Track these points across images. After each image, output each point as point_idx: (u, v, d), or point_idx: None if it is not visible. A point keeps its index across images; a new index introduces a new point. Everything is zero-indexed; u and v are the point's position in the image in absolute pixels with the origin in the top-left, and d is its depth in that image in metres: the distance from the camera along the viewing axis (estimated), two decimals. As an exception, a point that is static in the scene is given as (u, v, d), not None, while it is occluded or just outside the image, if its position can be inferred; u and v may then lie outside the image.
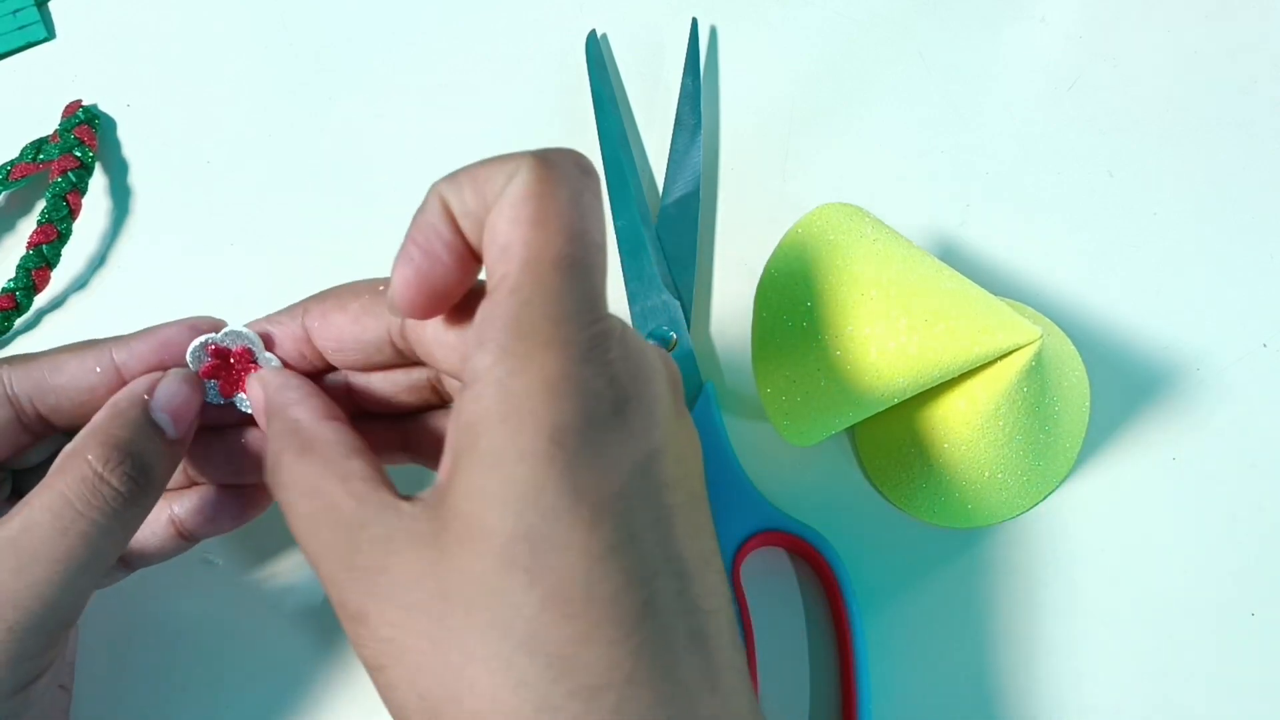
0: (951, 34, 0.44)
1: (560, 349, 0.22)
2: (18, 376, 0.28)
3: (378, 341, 0.27)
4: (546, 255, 0.22)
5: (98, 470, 0.26)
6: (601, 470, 0.22)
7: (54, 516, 0.25)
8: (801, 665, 0.34)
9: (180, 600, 0.35)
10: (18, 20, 0.44)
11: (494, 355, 0.22)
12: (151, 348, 0.29)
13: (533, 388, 0.22)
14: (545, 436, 0.21)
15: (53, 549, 0.25)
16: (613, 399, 0.22)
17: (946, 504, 0.35)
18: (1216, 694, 0.34)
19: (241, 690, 0.34)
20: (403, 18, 0.44)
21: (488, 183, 0.23)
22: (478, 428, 0.22)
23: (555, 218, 0.23)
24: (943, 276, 0.33)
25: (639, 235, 0.39)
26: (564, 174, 0.23)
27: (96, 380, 0.28)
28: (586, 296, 0.23)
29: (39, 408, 0.28)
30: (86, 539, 0.26)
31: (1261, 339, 0.39)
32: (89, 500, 0.26)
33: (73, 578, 0.26)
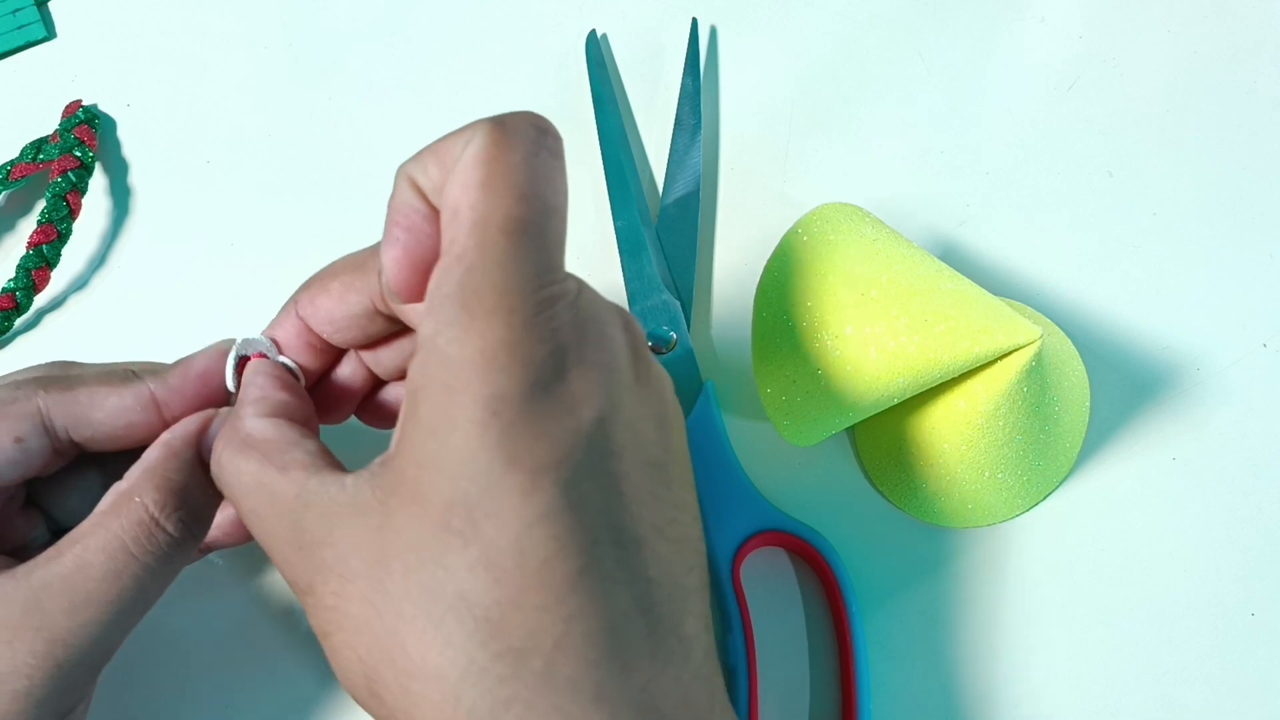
0: (951, 34, 0.44)
1: (502, 316, 0.22)
2: (55, 407, 0.28)
3: (366, 313, 0.27)
4: (494, 219, 0.22)
5: (154, 515, 0.26)
6: (539, 438, 0.22)
7: (108, 559, 0.26)
8: (801, 665, 0.34)
9: (180, 600, 0.35)
10: (17, 20, 0.44)
11: (436, 323, 0.22)
12: (189, 381, 0.29)
13: (471, 356, 0.22)
14: (481, 405, 0.21)
15: (105, 591, 0.25)
16: (554, 366, 0.22)
17: (946, 504, 0.35)
18: (1216, 694, 0.34)
19: (241, 689, 0.34)
20: (403, 18, 0.44)
21: (448, 154, 0.23)
22: (418, 395, 0.22)
23: (503, 180, 0.22)
24: (943, 276, 0.33)
25: (639, 235, 0.39)
26: (518, 137, 0.23)
27: (136, 418, 0.28)
28: (535, 260, 0.22)
29: (74, 436, 0.28)
30: (139, 582, 0.26)
31: (1261, 339, 0.39)
32: (144, 545, 0.26)
33: (122, 619, 0.26)
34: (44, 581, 0.25)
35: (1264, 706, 0.34)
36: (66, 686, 0.26)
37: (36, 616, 0.25)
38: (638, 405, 0.24)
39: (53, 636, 0.25)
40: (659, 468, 0.24)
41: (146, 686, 0.34)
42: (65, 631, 0.25)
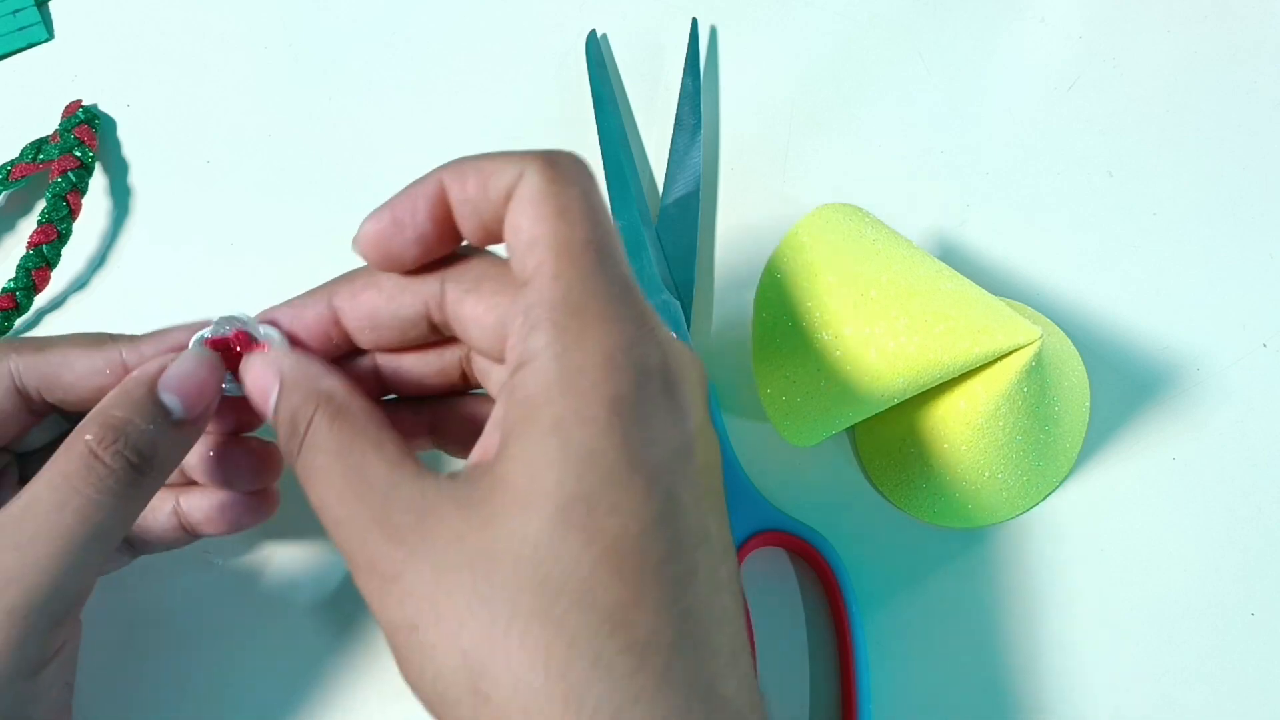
0: (951, 34, 0.44)
1: (612, 324, 0.23)
2: (26, 369, 0.28)
3: (414, 317, 0.27)
4: (576, 242, 0.24)
5: (93, 448, 0.26)
6: (653, 441, 0.23)
7: (51, 492, 0.26)
8: (801, 665, 0.34)
9: (180, 599, 0.35)
10: (18, 21, 0.44)
11: (549, 333, 0.23)
12: (158, 350, 0.29)
13: (592, 360, 0.23)
14: (605, 405, 0.22)
15: (51, 525, 0.25)
16: (664, 375, 0.23)
17: (946, 504, 0.35)
18: (1216, 694, 0.34)
19: (242, 689, 0.34)
20: (402, 18, 0.44)
21: (493, 176, 0.25)
22: (538, 399, 0.23)
23: (575, 209, 0.24)
24: (942, 277, 0.33)
25: (639, 235, 0.39)
26: (572, 172, 0.25)
27: (106, 380, 0.28)
28: (622, 275, 0.24)
29: (46, 398, 0.29)
30: (83, 516, 0.26)
31: (1261, 339, 0.39)
32: (84, 477, 0.26)
33: (74, 555, 0.26)
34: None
35: (1264, 706, 0.34)
36: (27, 634, 0.25)
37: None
38: (709, 432, 0.25)
39: (5, 576, 0.25)
40: (722, 493, 0.25)
41: (146, 685, 0.34)
42: (16, 570, 0.25)
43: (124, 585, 0.34)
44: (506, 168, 0.25)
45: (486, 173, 0.25)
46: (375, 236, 0.26)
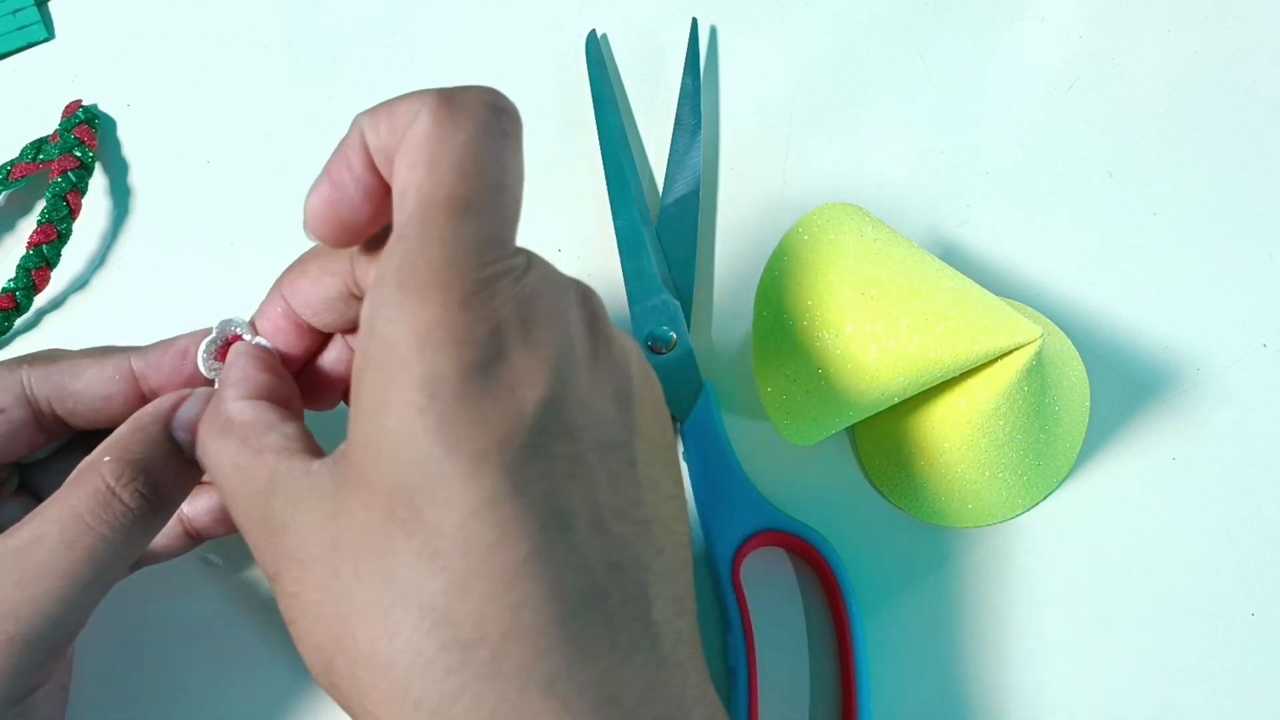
0: (951, 34, 0.44)
1: (437, 294, 0.21)
2: (37, 378, 0.28)
3: (341, 296, 0.27)
4: (436, 198, 0.22)
5: (110, 485, 0.26)
6: (479, 421, 0.21)
7: (62, 529, 0.25)
8: (801, 665, 0.34)
9: (179, 599, 0.35)
10: (18, 20, 0.44)
11: (373, 303, 0.22)
12: (169, 358, 0.29)
13: (406, 337, 0.21)
14: (417, 387, 0.21)
15: (58, 562, 0.25)
16: (494, 346, 0.21)
17: (946, 504, 0.35)
18: (1216, 694, 0.34)
19: (241, 689, 0.34)
20: (402, 17, 0.44)
21: (400, 116, 0.23)
22: (359, 378, 0.22)
23: (447, 158, 0.22)
24: (943, 276, 0.33)
25: (639, 235, 0.39)
26: (466, 114, 0.23)
27: (114, 388, 0.28)
28: (475, 238, 0.22)
29: (56, 410, 0.29)
30: (93, 554, 0.25)
31: (1261, 339, 0.39)
32: (99, 515, 0.25)
33: (77, 593, 0.25)
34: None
35: (1264, 706, 0.34)
36: (21, 665, 0.25)
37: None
38: (593, 383, 0.23)
39: (4, 610, 0.25)
40: (619, 447, 0.23)
41: (146, 686, 0.34)
42: (14, 604, 0.25)
43: (122, 587, 0.34)
44: (409, 106, 0.23)
45: (395, 113, 0.23)
46: (321, 209, 0.25)
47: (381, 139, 0.23)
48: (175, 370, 0.29)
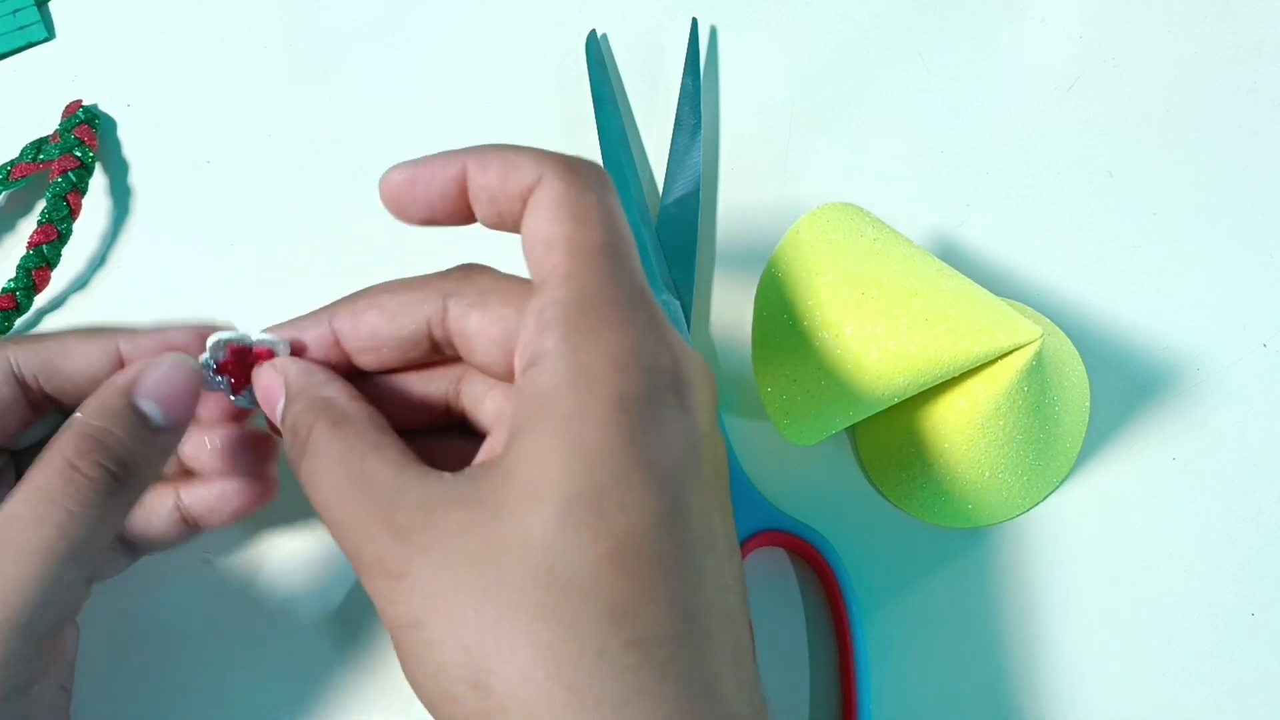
0: (951, 34, 0.44)
1: (624, 326, 0.23)
2: (24, 356, 0.28)
3: (415, 336, 0.28)
4: (592, 245, 0.24)
5: (69, 459, 0.26)
6: (661, 441, 0.23)
7: (31, 507, 0.25)
8: (801, 665, 0.34)
9: (178, 599, 0.35)
10: (18, 20, 0.44)
11: (561, 333, 0.23)
12: (156, 345, 0.29)
13: (602, 359, 0.23)
14: (615, 404, 0.23)
15: (29, 540, 0.25)
16: (673, 376, 0.24)
17: (946, 504, 0.35)
18: (1216, 694, 0.34)
19: (241, 689, 0.34)
20: (403, 18, 0.44)
21: (514, 170, 0.25)
22: (547, 396, 0.23)
23: (592, 214, 0.25)
24: (943, 276, 0.33)
25: (639, 235, 0.39)
26: (590, 178, 0.25)
27: (101, 368, 0.28)
28: (636, 280, 0.24)
29: (45, 387, 0.29)
30: (63, 530, 0.25)
31: (1261, 339, 0.39)
32: (64, 490, 0.25)
33: (54, 571, 0.25)
34: None
35: (1264, 706, 0.34)
36: (10, 654, 0.25)
37: None
38: (717, 436, 0.25)
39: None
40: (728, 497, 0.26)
41: (146, 686, 0.34)
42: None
43: (121, 586, 0.34)
44: (528, 165, 0.25)
45: (509, 165, 0.25)
46: (394, 188, 0.27)
47: (490, 181, 0.26)
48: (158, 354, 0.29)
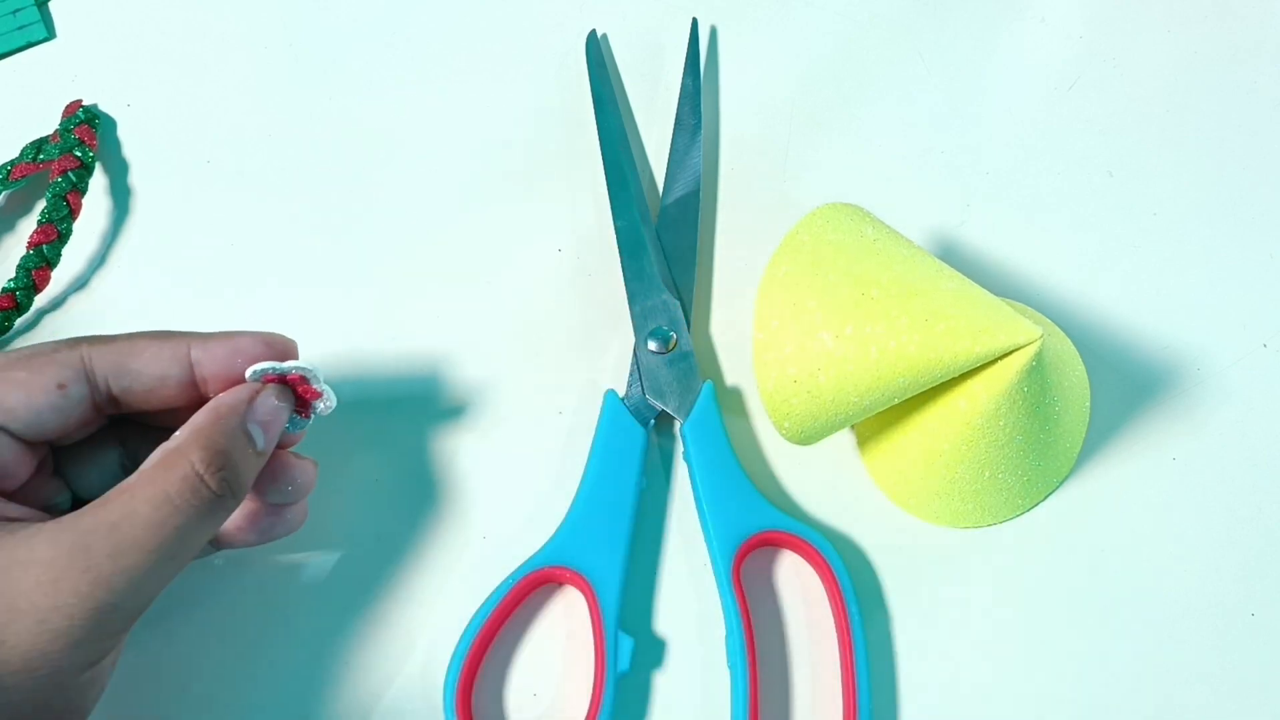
0: (951, 34, 0.44)
1: None
2: (98, 355, 0.30)
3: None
4: None
5: (199, 471, 0.28)
6: None
7: (153, 509, 0.27)
8: (802, 665, 0.34)
9: (181, 600, 0.35)
10: (18, 20, 0.44)
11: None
12: (226, 351, 0.30)
13: None
14: None
15: (149, 539, 0.27)
16: None
17: (946, 504, 0.35)
18: (1216, 694, 0.34)
19: (240, 690, 0.34)
20: (402, 18, 0.44)
21: None
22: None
23: None
24: (943, 276, 0.33)
25: (639, 235, 0.39)
26: None
27: (171, 370, 0.30)
28: None
29: (112, 387, 0.30)
30: (179, 534, 0.27)
31: (1261, 339, 0.39)
32: (187, 498, 0.27)
33: (160, 567, 0.27)
34: (92, 526, 0.27)
35: (1264, 706, 0.34)
36: (103, 630, 0.27)
37: (83, 558, 0.26)
38: None
39: (96, 578, 0.26)
40: None
41: (145, 686, 0.34)
42: (109, 574, 0.26)
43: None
44: None
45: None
46: None
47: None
48: (228, 362, 0.30)
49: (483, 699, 0.34)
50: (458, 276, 0.40)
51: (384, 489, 0.36)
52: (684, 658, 0.34)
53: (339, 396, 0.32)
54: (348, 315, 0.39)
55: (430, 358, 0.38)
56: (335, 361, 0.38)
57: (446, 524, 0.36)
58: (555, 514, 0.35)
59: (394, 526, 0.36)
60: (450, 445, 0.37)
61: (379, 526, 0.36)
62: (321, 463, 0.35)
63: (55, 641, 0.26)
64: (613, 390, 0.36)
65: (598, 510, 0.35)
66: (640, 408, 0.36)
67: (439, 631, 0.34)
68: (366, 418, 0.37)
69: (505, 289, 0.39)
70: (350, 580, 0.35)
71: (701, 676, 0.34)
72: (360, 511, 0.36)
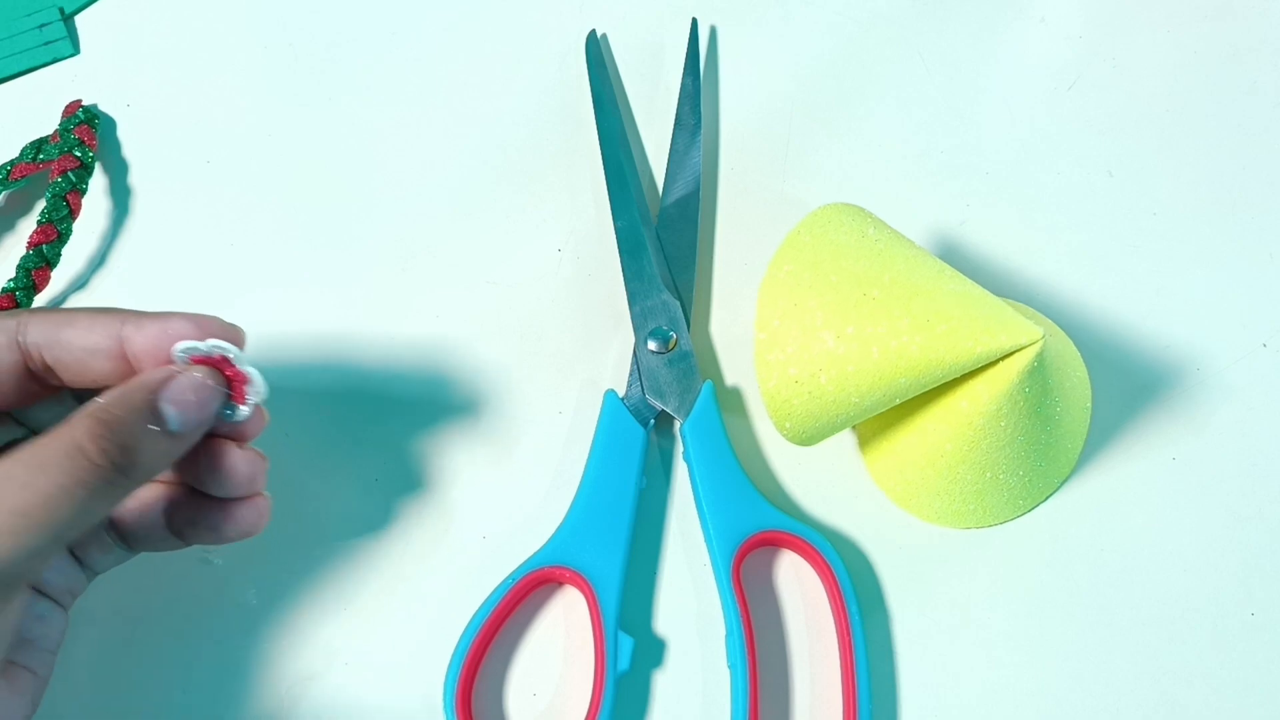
0: (951, 34, 0.44)
1: None
2: (33, 324, 0.29)
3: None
4: None
5: (78, 439, 0.27)
6: None
7: (25, 470, 0.26)
8: (802, 665, 0.34)
9: (178, 599, 0.35)
10: (44, 35, 0.43)
11: None
12: (157, 330, 0.29)
13: None
14: None
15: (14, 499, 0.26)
16: None
17: (947, 504, 0.35)
18: (1216, 694, 0.34)
19: (241, 689, 0.34)
20: (402, 18, 0.44)
21: None
22: None
23: None
24: (944, 277, 0.33)
25: (639, 235, 0.39)
26: None
27: (101, 343, 0.29)
28: None
29: (46, 358, 0.29)
30: (48, 501, 0.26)
31: (1261, 339, 0.39)
32: (63, 465, 0.26)
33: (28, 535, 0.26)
34: None
35: (1264, 706, 0.34)
36: None
37: None
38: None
39: None
40: None
41: (146, 686, 0.34)
42: None
43: (123, 584, 0.34)
44: None
45: None
46: None
47: None
48: (158, 340, 0.29)
49: (483, 699, 0.34)
50: (457, 276, 0.40)
51: (383, 489, 0.36)
52: (684, 658, 0.34)
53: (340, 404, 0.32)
54: (347, 314, 0.39)
55: (430, 357, 0.38)
56: (334, 361, 0.38)
57: (446, 524, 0.36)
58: (555, 514, 0.35)
59: (393, 526, 0.36)
60: (450, 445, 0.37)
61: (378, 526, 0.36)
62: (321, 463, 0.35)
63: None
64: (613, 390, 0.36)
65: (598, 510, 0.35)
66: (640, 408, 0.36)
67: (439, 631, 0.34)
68: (366, 417, 0.37)
69: (505, 289, 0.40)
70: (350, 580, 0.35)
71: (701, 676, 0.34)
72: (360, 511, 0.36)
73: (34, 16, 0.43)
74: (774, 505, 0.35)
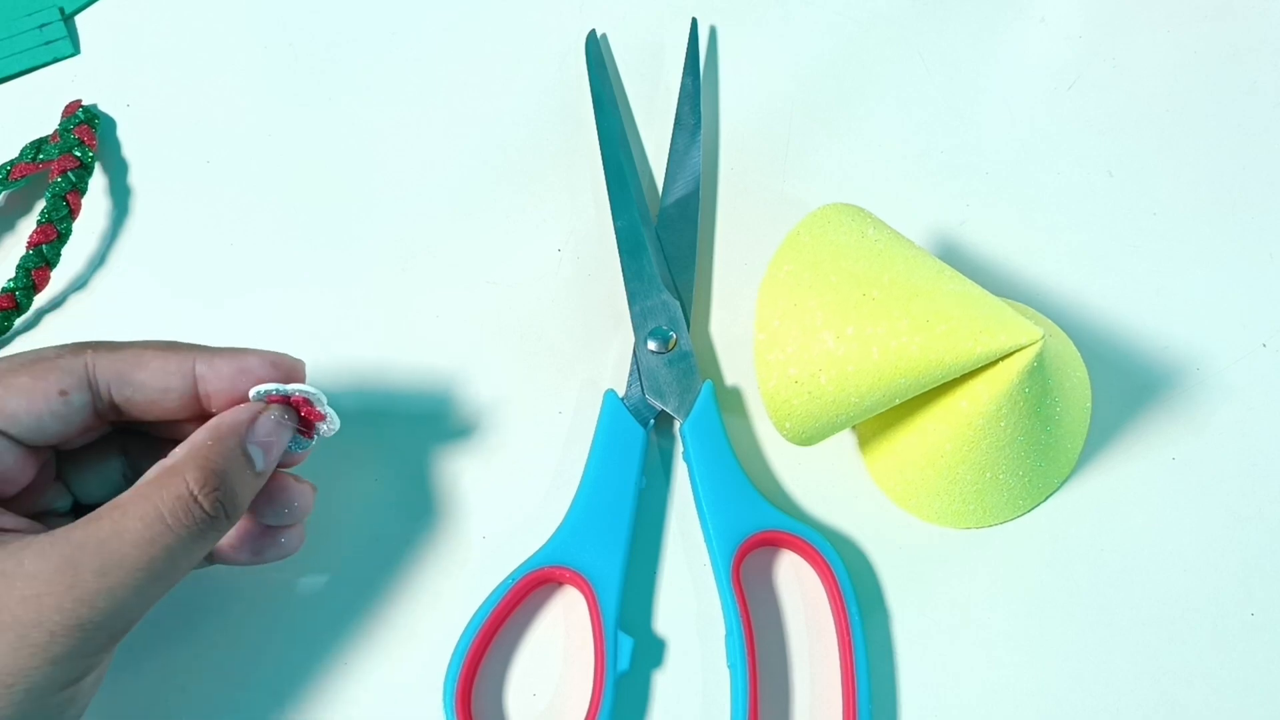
0: (951, 34, 0.44)
1: None
2: (102, 363, 0.29)
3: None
4: None
5: (193, 491, 0.27)
6: None
7: (144, 526, 0.27)
8: (802, 665, 0.34)
9: (178, 601, 0.35)
10: (44, 35, 0.43)
11: None
12: (232, 369, 0.30)
13: None
14: None
15: (137, 557, 0.26)
16: None
17: (946, 504, 0.35)
18: (1216, 694, 0.34)
19: (240, 691, 0.34)
20: (402, 18, 0.45)
21: None
22: None
23: None
24: (944, 277, 0.33)
25: (639, 235, 0.39)
26: None
27: (174, 383, 0.30)
28: None
29: (115, 396, 0.30)
30: (169, 553, 0.27)
31: (1261, 339, 0.39)
32: (179, 518, 0.27)
33: (147, 587, 0.27)
34: (81, 541, 0.26)
35: (1264, 706, 0.34)
36: (84, 649, 0.26)
37: (69, 574, 0.26)
38: None
39: (81, 595, 0.26)
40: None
41: (146, 687, 0.34)
42: (93, 592, 0.26)
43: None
44: None
45: None
46: None
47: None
48: (233, 380, 0.30)
49: (483, 699, 0.34)
50: (457, 276, 0.40)
51: (383, 489, 0.36)
52: (684, 658, 0.34)
53: (340, 404, 0.32)
54: (346, 314, 0.39)
55: (430, 358, 0.38)
56: (334, 361, 0.38)
57: (446, 524, 0.36)
58: (555, 514, 0.35)
59: (393, 526, 0.36)
60: (450, 445, 0.37)
61: (378, 526, 0.36)
62: (320, 464, 0.35)
63: (34, 658, 0.25)
64: (613, 390, 0.36)
65: (597, 510, 0.35)
66: (640, 408, 0.36)
67: (439, 631, 0.34)
68: (366, 418, 0.37)
69: (505, 289, 0.40)
70: (350, 580, 0.35)
71: (701, 676, 0.34)
72: (360, 512, 0.36)
73: (34, 16, 0.43)
74: (774, 505, 0.35)
